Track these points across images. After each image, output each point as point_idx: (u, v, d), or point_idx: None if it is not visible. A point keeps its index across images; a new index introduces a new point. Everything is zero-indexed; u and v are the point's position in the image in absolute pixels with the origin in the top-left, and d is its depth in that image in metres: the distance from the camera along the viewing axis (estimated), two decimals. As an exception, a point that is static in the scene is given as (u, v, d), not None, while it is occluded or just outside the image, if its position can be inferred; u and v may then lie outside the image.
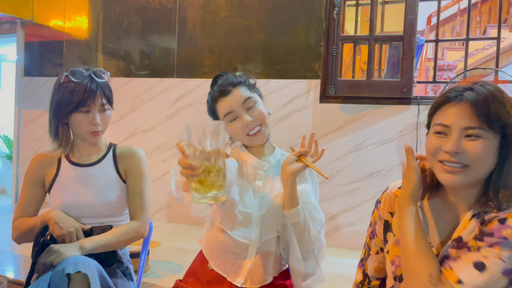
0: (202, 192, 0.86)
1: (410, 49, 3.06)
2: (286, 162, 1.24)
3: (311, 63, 3.46)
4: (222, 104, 1.32)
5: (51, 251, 1.31)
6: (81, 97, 1.44)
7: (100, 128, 1.51)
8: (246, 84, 1.35)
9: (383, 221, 1.15)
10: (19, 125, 4.71)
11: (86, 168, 1.56)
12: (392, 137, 3.21)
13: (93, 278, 1.24)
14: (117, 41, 4.24)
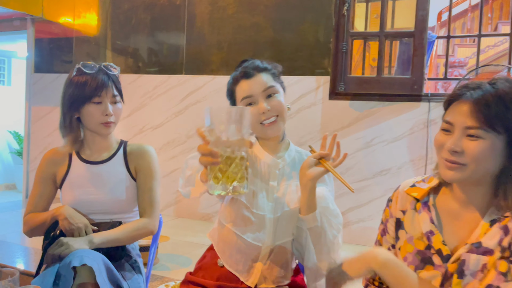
0: (222, 183, 0.79)
1: (421, 46, 3.03)
2: (305, 165, 1.16)
3: (320, 60, 3.43)
4: (242, 86, 1.27)
5: (59, 243, 1.33)
6: (94, 88, 1.47)
7: (112, 119, 1.52)
8: (271, 72, 1.30)
9: (395, 219, 1.14)
10: (29, 121, 4.75)
11: (97, 165, 1.57)
12: (402, 134, 3.18)
13: (98, 271, 1.25)
14: (126, 38, 4.25)
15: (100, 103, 1.49)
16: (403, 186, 1.15)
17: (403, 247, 1.10)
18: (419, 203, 1.09)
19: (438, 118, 3.08)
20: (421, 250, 1.04)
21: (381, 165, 3.23)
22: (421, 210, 1.08)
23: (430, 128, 3.09)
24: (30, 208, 1.56)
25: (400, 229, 1.12)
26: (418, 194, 1.09)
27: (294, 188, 1.29)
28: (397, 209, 1.13)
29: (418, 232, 1.06)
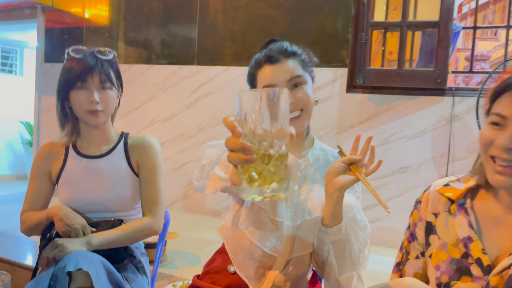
0: (258, 185, 0.62)
1: (446, 37, 2.86)
2: (333, 171, 0.99)
3: (338, 51, 3.28)
4: (265, 73, 1.11)
5: (54, 245, 1.22)
6: (79, 72, 1.35)
7: (100, 108, 1.38)
8: (300, 59, 1.13)
9: (425, 223, 1.02)
10: (40, 111, 4.69)
11: (94, 160, 1.45)
12: (423, 130, 3.02)
13: (96, 276, 1.15)
14: (137, 28, 4.15)
15: (86, 89, 1.36)
16: (434, 185, 1.02)
17: (435, 255, 0.98)
18: (454, 205, 0.96)
19: (463, 114, 2.91)
20: (456, 259, 0.92)
21: (400, 162, 3.08)
22: (457, 213, 0.95)
23: (453, 124, 2.93)
24: (26, 206, 1.46)
25: (431, 234, 0.99)
26: (453, 195, 0.97)
27: (317, 194, 1.13)
28: (428, 211, 1.00)
29: (453, 237, 0.94)
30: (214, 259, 1.26)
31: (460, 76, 4.92)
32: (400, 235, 1.06)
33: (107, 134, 1.47)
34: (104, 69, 1.38)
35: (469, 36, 5.97)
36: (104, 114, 1.40)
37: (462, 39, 6.02)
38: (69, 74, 1.36)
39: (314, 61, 1.18)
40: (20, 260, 2.44)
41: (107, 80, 1.38)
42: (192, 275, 1.30)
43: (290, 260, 1.13)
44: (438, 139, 2.97)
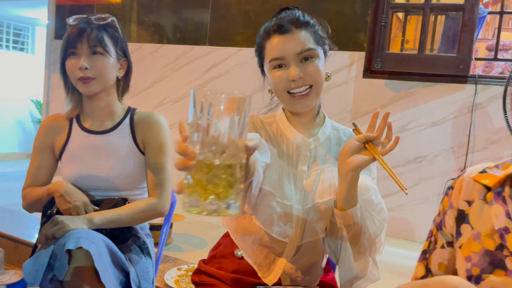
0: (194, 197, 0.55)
1: (471, 21, 2.72)
2: (347, 150, 0.91)
3: (356, 34, 3.15)
4: (274, 43, 1.01)
5: (54, 222, 1.16)
6: (70, 39, 1.28)
7: (91, 75, 1.29)
8: (313, 30, 1.04)
9: (456, 211, 0.94)
10: (49, 89, 4.65)
11: (99, 136, 1.38)
12: (442, 119, 2.90)
13: (97, 255, 1.09)
14: (148, 5, 4.05)
15: (76, 54, 1.29)
16: (469, 171, 0.93)
17: (466, 245, 0.90)
18: (491, 192, 0.87)
19: (485, 102, 2.78)
20: (490, 250, 0.84)
21: (416, 151, 2.97)
22: (493, 202, 0.86)
23: (475, 113, 2.80)
24: (28, 181, 1.40)
25: (463, 223, 0.91)
26: (490, 182, 0.88)
27: (329, 175, 1.05)
28: (461, 198, 0.92)
29: (488, 228, 0.86)
30: (220, 243, 1.19)
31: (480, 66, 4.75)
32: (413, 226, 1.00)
33: (110, 108, 1.40)
34: (95, 34, 1.29)
35: (490, 26, 5.76)
36: (97, 82, 1.31)
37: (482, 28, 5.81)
38: (64, 42, 1.30)
39: (329, 34, 1.09)
40: (24, 237, 2.42)
41: (98, 45, 1.29)
42: (198, 259, 1.24)
43: (301, 246, 1.05)
44: (458, 128, 2.85)
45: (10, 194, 3.57)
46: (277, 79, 1.02)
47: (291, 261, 1.06)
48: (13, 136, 6.48)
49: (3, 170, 5.06)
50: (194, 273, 1.17)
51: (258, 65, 1.12)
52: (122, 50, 1.38)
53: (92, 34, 1.28)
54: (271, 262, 1.07)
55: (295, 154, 1.07)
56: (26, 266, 1.11)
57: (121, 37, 1.37)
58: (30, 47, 6.93)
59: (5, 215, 2.87)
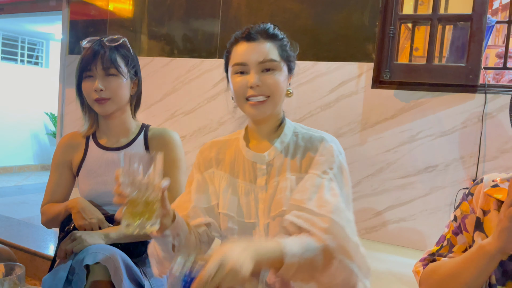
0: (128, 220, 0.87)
1: (479, 30, 2.73)
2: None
3: (364, 45, 3.18)
4: (239, 49, 1.05)
5: (72, 237, 1.21)
6: (85, 62, 1.35)
7: (106, 96, 1.35)
8: (280, 44, 1.07)
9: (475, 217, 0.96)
10: (63, 103, 4.75)
11: (114, 152, 1.44)
12: (452, 128, 2.90)
13: (114, 270, 1.13)
14: (160, 20, 4.13)
15: (91, 77, 1.35)
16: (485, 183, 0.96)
17: None
18: None
19: (495, 112, 2.78)
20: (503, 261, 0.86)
21: (426, 161, 2.97)
22: None
23: (485, 122, 2.79)
24: (47, 198, 1.46)
25: (477, 230, 0.94)
26: (503, 196, 0.90)
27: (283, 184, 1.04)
28: (479, 206, 0.95)
29: None
30: None
31: (490, 73, 4.73)
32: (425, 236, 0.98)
33: (125, 125, 1.46)
34: (108, 56, 1.35)
35: (500, 32, 5.73)
36: (112, 102, 1.37)
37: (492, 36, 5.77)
38: (79, 64, 1.37)
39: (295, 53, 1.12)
40: (40, 250, 2.47)
41: (111, 67, 1.35)
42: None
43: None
44: (468, 138, 2.85)
45: (27, 207, 3.65)
46: (237, 85, 1.05)
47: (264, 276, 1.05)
48: (27, 148, 6.61)
49: (19, 183, 5.16)
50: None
51: (224, 70, 1.16)
52: (134, 69, 1.42)
53: (106, 56, 1.34)
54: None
55: (252, 170, 1.08)
56: (45, 280, 1.16)
57: (132, 56, 1.43)
58: (44, 61, 7.09)
59: (21, 228, 2.93)
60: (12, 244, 2.54)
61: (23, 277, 1.02)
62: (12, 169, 6.35)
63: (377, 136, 3.09)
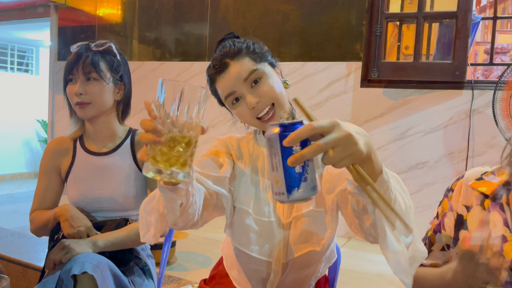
0: (159, 165, 0.68)
1: (464, 27, 2.75)
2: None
3: (352, 44, 3.19)
4: (221, 84, 1.02)
5: (61, 247, 1.19)
6: (68, 66, 1.35)
7: (86, 100, 1.33)
8: (250, 52, 1.02)
9: (456, 214, 0.94)
10: (53, 109, 4.73)
11: (101, 157, 1.42)
12: (441, 125, 2.92)
13: (101, 280, 1.11)
14: (148, 24, 4.13)
15: (73, 81, 1.35)
16: (468, 177, 0.94)
17: None
18: (489, 199, 0.88)
19: (482, 107, 2.80)
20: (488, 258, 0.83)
21: (416, 158, 2.99)
22: (491, 209, 0.87)
23: (473, 118, 2.81)
24: (36, 205, 1.43)
25: (461, 228, 0.92)
26: (487, 189, 0.89)
27: None
28: (460, 202, 0.93)
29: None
30: (220, 262, 1.20)
31: (479, 70, 4.75)
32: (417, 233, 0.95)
33: (111, 130, 1.44)
34: (90, 60, 1.33)
35: (488, 29, 5.77)
36: (92, 107, 1.35)
37: (481, 32, 5.81)
38: (64, 69, 1.37)
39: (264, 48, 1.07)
40: (32, 261, 2.42)
41: (92, 71, 1.33)
42: (203, 278, 1.25)
43: (288, 263, 1.03)
44: (457, 133, 2.87)
45: (18, 216, 3.61)
46: (240, 114, 1.02)
47: (281, 280, 1.04)
48: (20, 156, 6.56)
49: (11, 191, 5.12)
50: (195, 294, 1.19)
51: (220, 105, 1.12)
52: (119, 74, 1.40)
53: (87, 60, 1.33)
54: (258, 285, 1.06)
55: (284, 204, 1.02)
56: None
57: (118, 61, 1.40)
58: (34, 68, 7.05)
59: (13, 238, 2.89)
60: (4, 256, 2.50)
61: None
62: (5, 177, 6.29)
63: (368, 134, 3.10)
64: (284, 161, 0.63)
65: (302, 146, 0.63)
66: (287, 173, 0.64)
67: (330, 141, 0.62)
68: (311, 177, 0.65)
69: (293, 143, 0.63)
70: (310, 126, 0.63)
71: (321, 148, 0.62)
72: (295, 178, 0.64)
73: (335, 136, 0.63)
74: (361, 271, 2.47)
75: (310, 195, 0.65)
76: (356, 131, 0.66)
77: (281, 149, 0.64)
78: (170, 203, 0.81)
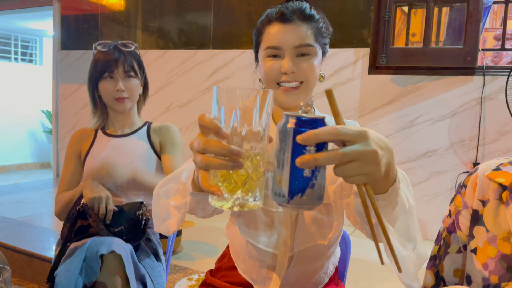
0: (240, 193, 0.56)
1: (476, 11, 2.67)
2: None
3: (360, 30, 3.12)
4: (273, 31, 0.95)
5: None
6: (106, 64, 1.51)
7: (125, 95, 1.53)
8: (317, 26, 0.97)
9: (471, 210, 0.87)
10: (57, 99, 4.70)
11: (119, 138, 1.59)
12: (451, 112, 2.86)
13: (127, 259, 1.21)
14: (152, 11, 4.07)
15: (112, 78, 1.52)
16: (483, 169, 0.86)
17: (481, 250, 0.84)
18: (507, 191, 0.81)
19: (494, 94, 2.73)
20: (507, 255, 0.79)
21: (426, 146, 2.93)
22: (510, 202, 0.80)
23: (484, 104, 2.75)
24: (61, 188, 1.57)
25: (477, 225, 0.85)
26: (506, 180, 0.82)
27: None
28: (475, 198, 0.86)
29: (504, 230, 0.80)
30: (225, 254, 1.16)
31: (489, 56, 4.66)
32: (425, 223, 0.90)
33: (131, 119, 1.62)
34: (128, 60, 1.53)
35: (497, 15, 5.65)
36: (130, 101, 1.55)
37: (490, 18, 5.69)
38: (97, 66, 1.52)
39: (330, 31, 1.02)
40: (38, 251, 2.42)
41: (131, 70, 1.53)
42: (209, 268, 1.23)
43: (294, 256, 0.99)
44: (467, 121, 2.81)
45: (24, 206, 3.61)
46: (269, 69, 0.96)
47: (287, 273, 1.00)
48: (25, 146, 6.56)
49: (17, 181, 5.12)
50: (201, 286, 1.16)
51: (254, 50, 1.06)
52: (143, 70, 1.62)
53: (126, 60, 1.53)
54: (265, 278, 1.02)
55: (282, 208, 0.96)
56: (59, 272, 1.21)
57: (141, 60, 1.61)
58: (38, 59, 7.01)
59: (18, 228, 2.89)
60: (9, 246, 2.50)
61: (9, 280, 0.98)
62: (10, 167, 6.30)
63: (375, 122, 3.04)
64: (293, 160, 0.54)
65: (318, 149, 0.54)
66: (293, 174, 0.55)
67: (351, 153, 0.54)
68: (319, 185, 0.56)
69: (309, 142, 0.54)
70: (334, 130, 0.54)
71: (339, 158, 0.54)
72: (301, 182, 0.55)
73: (358, 149, 0.54)
74: (369, 260, 2.44)
75: (314, 205, 0.57)
76: (382, 146, 0.59)
77: (292, 145, 0.54)
78: (202, 204, 0.78)
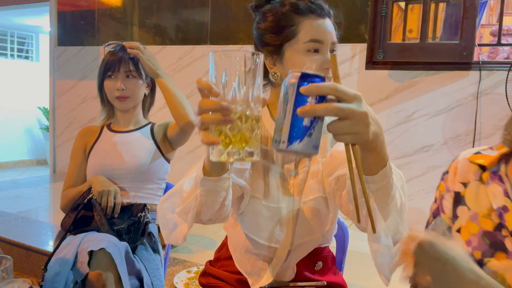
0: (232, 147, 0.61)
1: (472, 7, 2.68)
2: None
3: (357, 25, 3.13)
4: (314, 24, 0.91)
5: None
6: (110, 64, 1.55)
7: (126, 94, 1.56)
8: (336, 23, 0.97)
9: (453, 194, 0.92)
10: (54, 95, 4.69)
11: (123, 134, 1.62)
12: (447, 107, 2.88)
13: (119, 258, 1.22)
14: (148, 7, 4.06)
15: (114, 77, 1.56)
16: (464, 154, 0.92)
17: (464, 228, 0.88)
18: (487, 172, 0.86)
19: (490, 89, 2.75)
20: (489, 231, 0.82)
21: (422, 141, 2.95)
22: (490, 182, 0.85)
23: (480, 99, 2.77)
24: (67, 184, 1.59)
25: (459, 205, 0.89)
26: (485, 161, 0.87)
27: (314, 168, 0.96)
28: (456, 181, 0.90)
29: (485, 208, 0.84)
30: (224, 244, 1.17)
31: (485, 52, 4.68)
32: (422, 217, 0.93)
33: (136, 117, 1.66)
34: (132, 61, 1.56)
35: (493, 11, 5.68)
36: (131, 100, 1.58)
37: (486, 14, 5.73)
38: (103, 65, 1.57)
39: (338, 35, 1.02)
40: (35, 245, 2.43)
41: (133, 70, 1.56)
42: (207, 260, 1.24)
43: (292, 250, 1.00)
44: (464, 115, 2.83)
45: (21, 201, 3.61)
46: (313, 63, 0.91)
47: (283, 267, 1.02)
48: (22, 143, 6.55)
49: (14, 178, 5.12)
50: (201, 275, 1.17)
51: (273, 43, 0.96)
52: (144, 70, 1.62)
53: (130, 61, 1.55)
54: (260, 269, 1.03)
55: (280, 153, 0.98)
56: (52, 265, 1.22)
57: None
58: (35, 55, 6.99)
59: (16, 222, 2.89)
60: (8, 240, 2.51)
61: (11, 269, 0.99)
62: (7, 164, 6.29)
63: (372, 117, 3.06)
64: (295, 109, 0.61)
65: (318, 102, 0.60)
66: (294, 122, 0.61)
67: (345, 109, 0.60)
68: (316, 135, 0.62)
69: (311, 93, 0.59)
70: (334, 86, 0.60)
71: (335, 111, 0.59)
72: (300, 130, 0.61)
73: (352, 107, 0.60)
74: (366, 252, 2.46)
75: (310, 151, 0.62)
76: (373, 117, 0.64)
77: (296, 96, 0.61)
78: (212, 196, 0.79)
